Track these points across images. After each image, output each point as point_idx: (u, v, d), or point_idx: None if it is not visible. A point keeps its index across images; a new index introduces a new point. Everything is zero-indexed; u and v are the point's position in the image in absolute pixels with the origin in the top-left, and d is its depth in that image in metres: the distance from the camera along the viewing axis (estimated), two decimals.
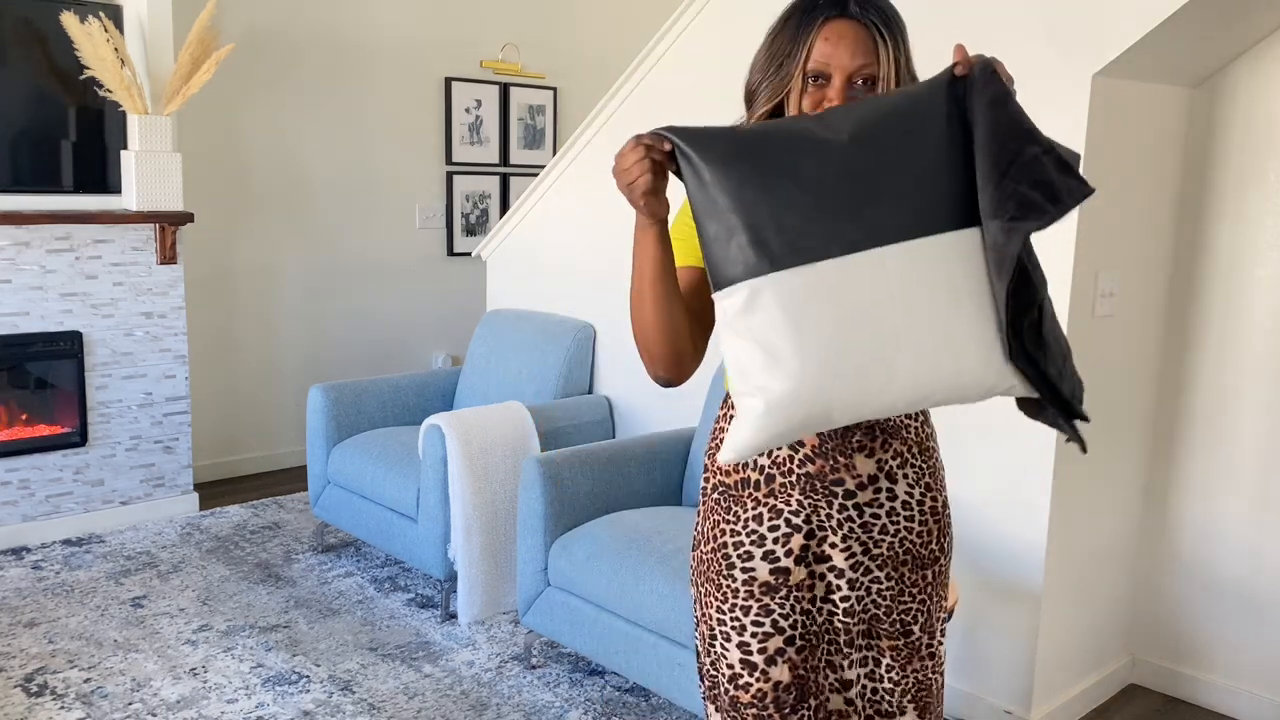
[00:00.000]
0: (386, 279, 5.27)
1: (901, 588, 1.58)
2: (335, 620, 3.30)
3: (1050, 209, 1.32)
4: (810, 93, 1.49)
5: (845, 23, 1.47)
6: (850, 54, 1.46)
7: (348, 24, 4.94)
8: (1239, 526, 2.83)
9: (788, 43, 1.51)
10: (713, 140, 1.35)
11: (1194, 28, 2.38)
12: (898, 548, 1.57)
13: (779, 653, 1.56)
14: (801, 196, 1.32)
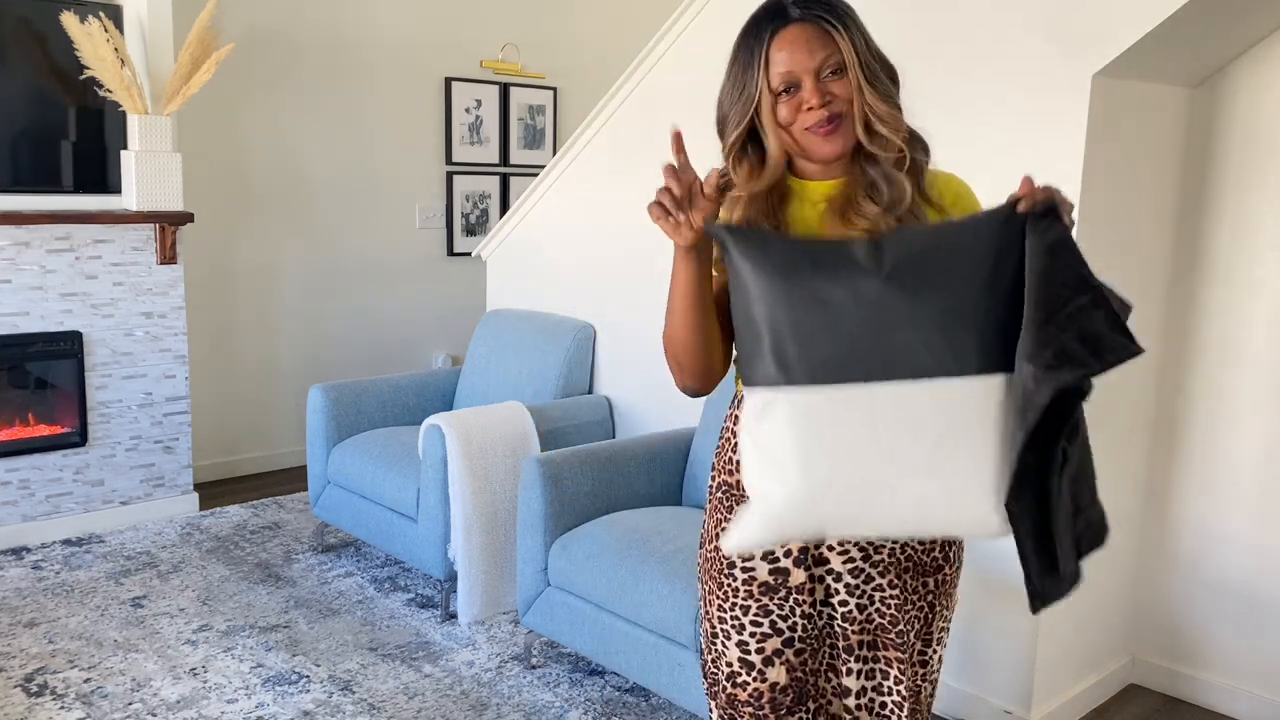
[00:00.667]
0: (386, 279, 5.27)
1: (905, 596, 1.56)
2: (335, 620, 3.30)
3: (1092, 363, 1.30)
4: (785, 103, 1.49)
5: (793, 27, 1.48)
6: (808, 53, 1.47)
7: (348, 24, 4.94)
8: (1239, 526, 2.83)
9: (745, 65, 1.52)
10: (760, 251, 1.39)
11: (1194, 28, 2.38)
12: (899, 554, 1.55)
13: (776, 654, 1.57)
14: (829, 323, 1.34)
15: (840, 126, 1.49)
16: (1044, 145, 2.49)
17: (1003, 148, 2.56)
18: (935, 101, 2.69)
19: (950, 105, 2.66)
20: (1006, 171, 2.58)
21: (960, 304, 1.33)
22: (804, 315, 1.35)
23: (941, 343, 1.33)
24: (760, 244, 1.40)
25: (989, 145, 2.59)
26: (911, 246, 1.35)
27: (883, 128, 1.48)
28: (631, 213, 3.59)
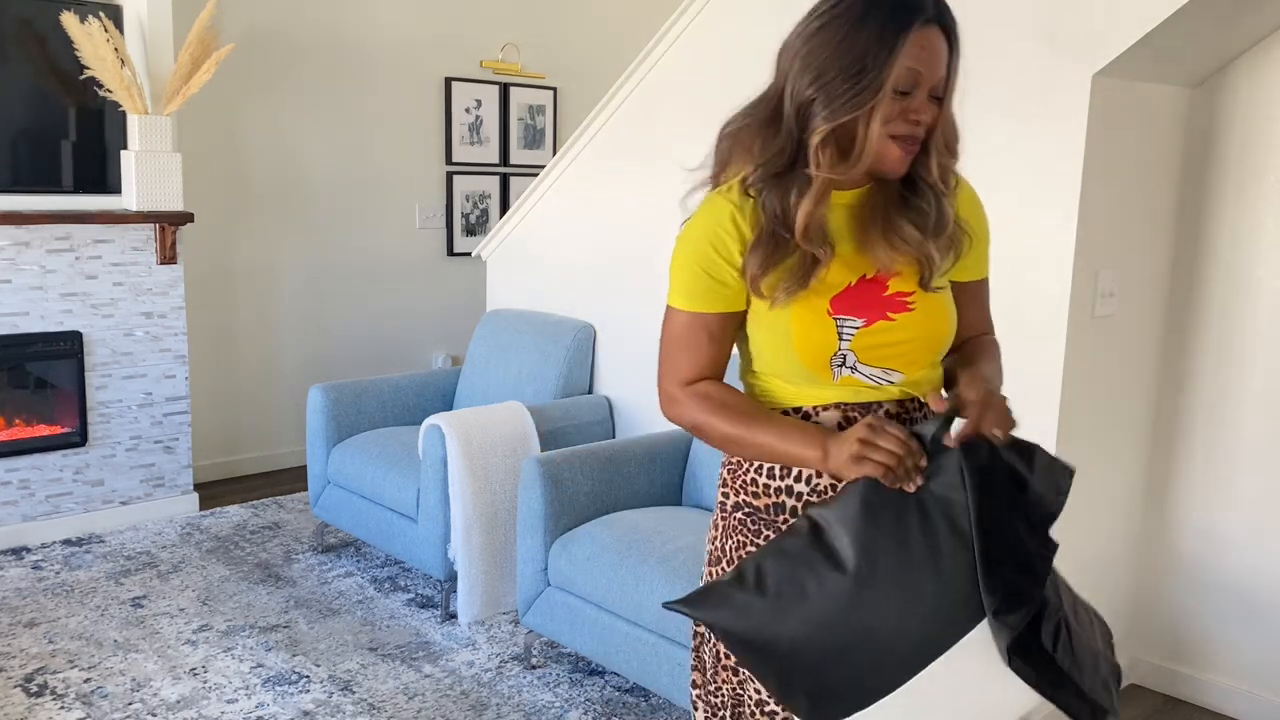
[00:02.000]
0: (386, 279, 5.27)
1: None
2: (335, 620, 3.30)
3: (1034, 591, 1.36)
4: (895, 102, 1.33)
5: (935, 30, 1.33)
6: (941, 64, 1.34)
7: (348, 24, 4.94)
8: (1239, 527, 2.83)
9: (874, 43, 1.31)
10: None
11: (1194, 28, 2.38)
12: None
13: None
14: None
15: (917, 147, 1.39)
16: (1044, 145, 2.50)
17: (1003, 148, 2.56)
18: None
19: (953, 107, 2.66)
20: (1007, 172, 2.58)
21: (940, 580, 1.35)
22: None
23: (938, 619, 1.34)
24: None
25: (989, 146, 2.59)
26: (869, 544, 1.32)
27: (950, 161, 1.42)
28: (631, 213, 3.59)
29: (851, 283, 1.42)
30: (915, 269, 1.43)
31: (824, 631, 1.32)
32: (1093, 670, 1.42)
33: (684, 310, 1.47)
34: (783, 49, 1.45)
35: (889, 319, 1.43)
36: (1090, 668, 1.43)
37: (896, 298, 1.43)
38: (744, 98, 1.59)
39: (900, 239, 1.39)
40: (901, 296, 1.43)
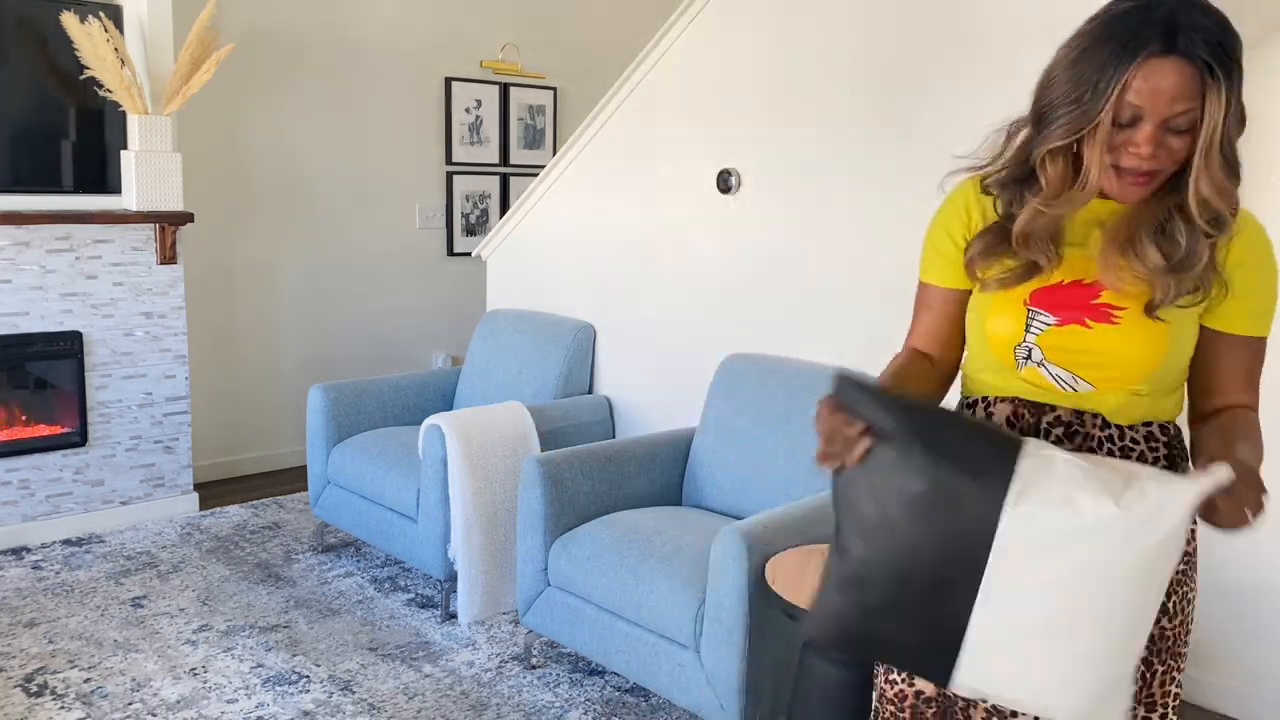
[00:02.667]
0: (386, 279, 5.27)
1: None
2: (335, 620, 3.30)
3: None
4: (1117, 132, 1.32)
5: (1171, 60, 1.28)
6: (1170, 99, 1.29)
7: (348, 24, 4.94)
8: None
9: (1096, 71, 1.31)
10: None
11: None
12: None
13: None
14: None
15: (1152, 182, 1.35)
16: None
17: None
18: (935, 103, 2.70)
19: (951, 107, 2.66)
20: None
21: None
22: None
23: None
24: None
25: None
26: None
27: (1217, 200, 1.35)
28: (631, 213, 3.59)
29: (1063, 281, 1.41)
30: (1146, 292, 1.37)
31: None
32: None
33: (920, 281, 1.58)
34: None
35: (1085, 325, 1.40)
36: None
37: (1104, 308, 1.39)
38: (742, 97, 1.59)
39: (1138, 260, 1.35)
40: (1110, 309, 1.39)
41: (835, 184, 2.96)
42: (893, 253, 2.83)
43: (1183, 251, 1.35)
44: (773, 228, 3.13)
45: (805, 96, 3.01)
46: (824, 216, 3.00)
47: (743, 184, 3.20)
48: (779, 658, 2.43)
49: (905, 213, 2.79)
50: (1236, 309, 1.43)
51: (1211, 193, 1.34)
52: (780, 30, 3.05)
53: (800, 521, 2.49)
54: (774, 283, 3.15)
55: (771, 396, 2.94)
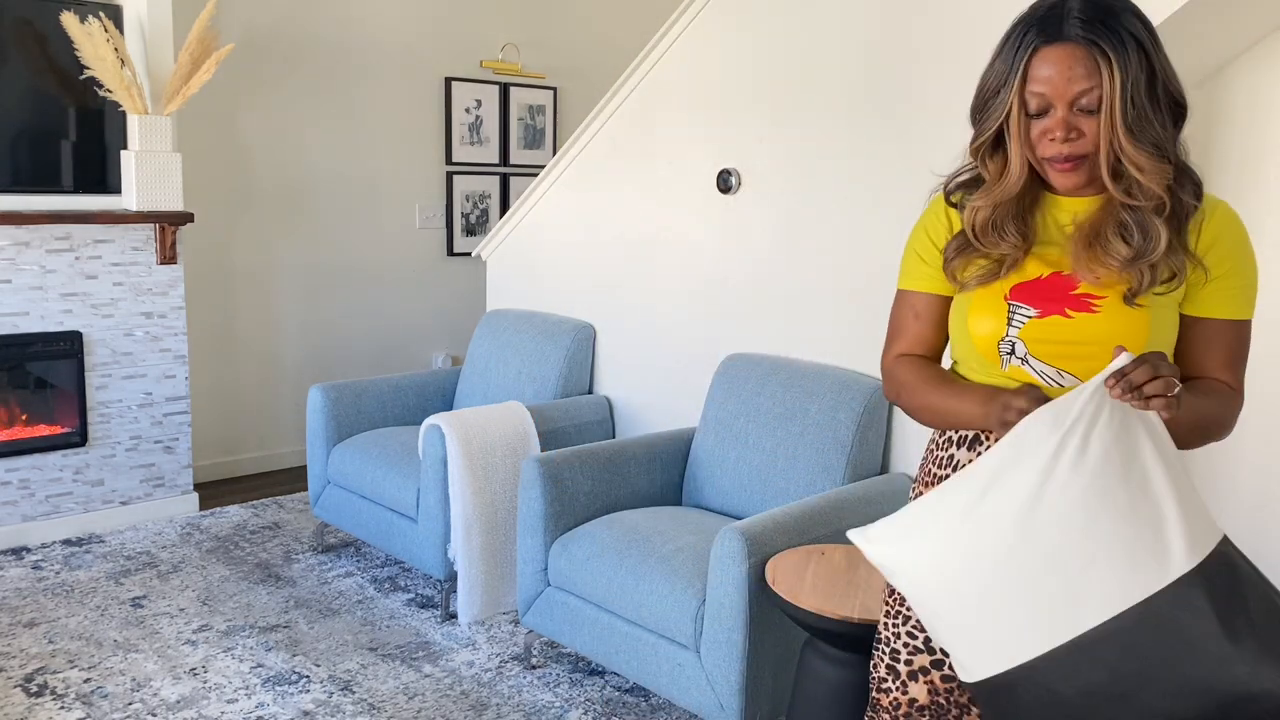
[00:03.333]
0: (386, 279, 5.27)
1: None
2: (335, 620, 3.30)
3: None
4: (1036, 124, 1.40)
5: (1061, 47, 1.35)
6: (1067, 81, 1.35)
7: (348, 24, 4.94)
8: (1239, 526, 2.83)
9: (1006, 66, 1.41)
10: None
11: (1193, 27, 2.38)
12: None
13: (922, 671, 1.55)
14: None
15: (1080, 166, 1.40)
16: None
17: None
18: (935, 104, 2.70)
19: (951, 108, 2.66)
20: None
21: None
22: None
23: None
24: None
25: None
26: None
27: (1140, 176, 1.37)
28: (631, 212, 3.59)
29: (1042, 275, 1.46)
30: (1123, 282, 1.42)
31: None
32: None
33: (900, 289, 1.63)
34: None
35: (1066, 315, 1.43)
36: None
37: (1084, 298, 1.43)
38: (742, 97, 1.60)
39: (1105, 252, 1.40)
40: (1090, 298, 1.43)
41: (835, 184, 2.96)
42: (892, 253, 2.83)
43: (1138, 239, 1.39)
44: (773, 228, 3.13)
45: (805, 96, 3.00)
46: (824, 216, 3.00)
47: (743, 184, 3.19)
48: (779, 658, 2.43)
49: (905, 213, 2.79)
50: (1214, 293, 1.47)
51: (1132, 168, 1.36)
52: (780, 30, 3.05)
53: (800, 521, 2.50)
54: (774, 283, 3.15)
55: (771, 396, 2.94)
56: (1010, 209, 1.45)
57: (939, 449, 1.60)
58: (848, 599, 2.16)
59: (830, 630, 2.12)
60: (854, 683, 2.19)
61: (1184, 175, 1.42)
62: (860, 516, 2.61)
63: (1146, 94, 1.37)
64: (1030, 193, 1.47)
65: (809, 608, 2.13)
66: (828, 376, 2.87)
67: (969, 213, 1.48)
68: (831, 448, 2.78)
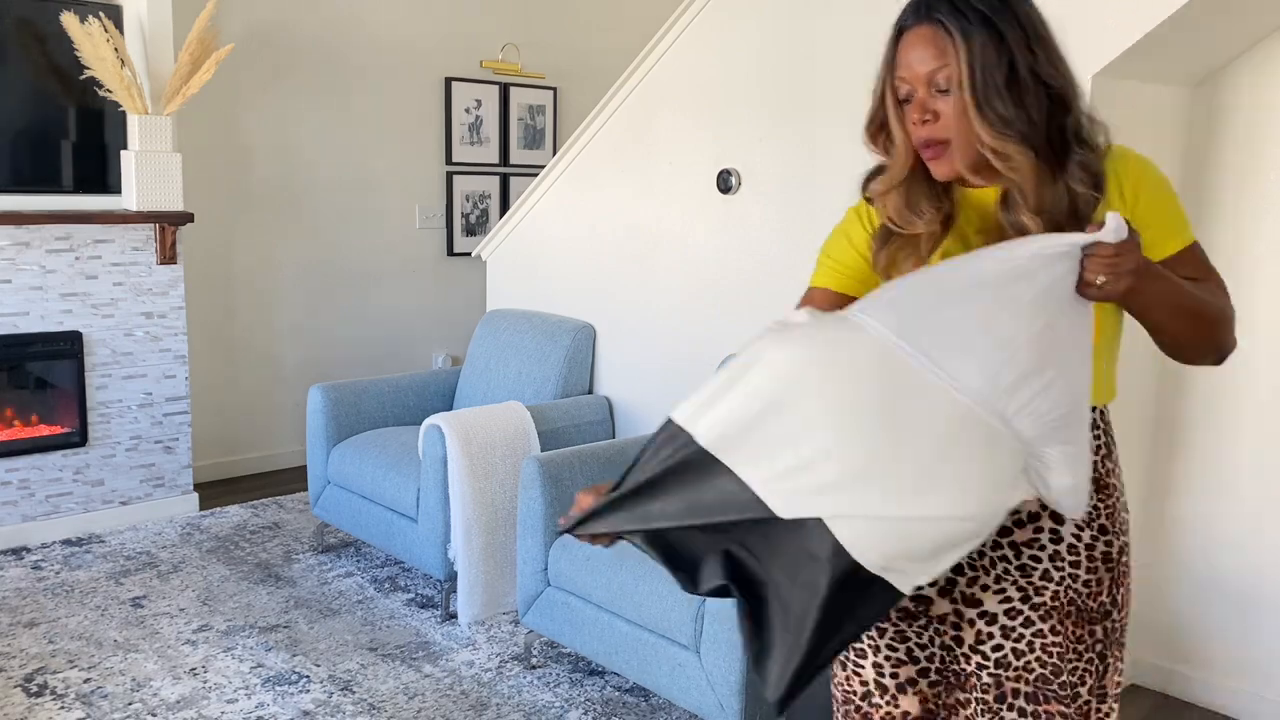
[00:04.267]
0: (387, 279, 5.27)
1: (1069, 645, 1.45)
2: (335, 620, 3.30)
3: None
4: (906, 112, 1.38)
5: (915, 30, 1.35)
6: (919, 62, 1.34)
7: (348, 24, 4.94)
8: (1239, 526, 2.83)
9: (882, 63, 1.42)
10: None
11: (1194, 28, 2.38)
12: (1062, 597, 1.44)
13: (910, 682, 1.53)
14: None
15: (943, 153, 1.37)
16: None
17: None
18: None
19: None
20: None
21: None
22: None
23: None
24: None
25: None
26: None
27: (997, 162, 1.33)
28: (631, 212, 3.59)
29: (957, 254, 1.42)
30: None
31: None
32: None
33: (812, 288, 1.58)
34: None
35: None
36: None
37: None
38: (742, 97, 1.60)
39: (1016, 233, 1.36)
40: None
41: (835, 184, 2.96)
42: None
43: (1016, 203, 1.35)
44: (773, 228, 3.13)
45: (805, 96, 3.00)
46: (824, 216, 3.00)
47: (743, 184, 3.19)
48: None
49: None
50: (1157, 237, 1.47)
51: (991, 150, 1.32)
52: (781, 30, 3.05)
53: None
54: (774, 283, 3.15)
55: None
56: (923, 190, 1.42)
57: None
58: None
59: None
60: None
61: (1073, 164, 1.35)
62: None
63: (1004, 74, 1.32)
64: (945, 184, 1.44)
65: None
66: None
67: (879, 203, 1.47)
68: None
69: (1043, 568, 1.43)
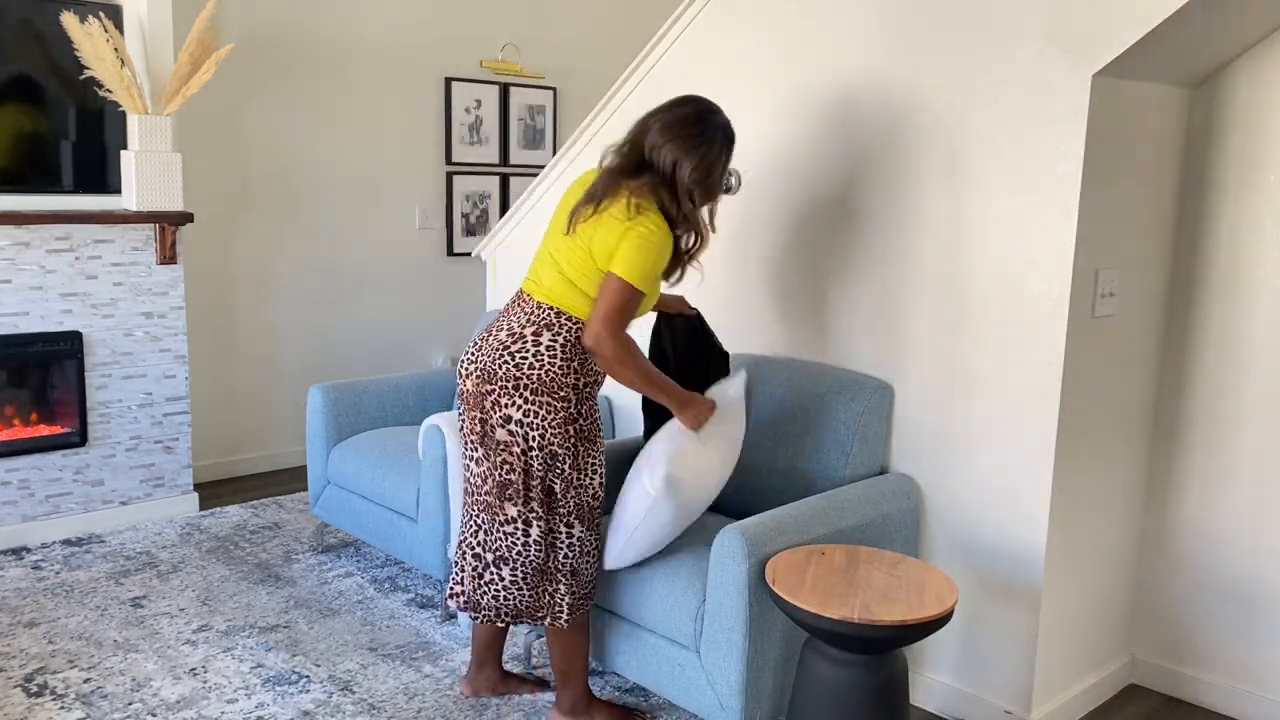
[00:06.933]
0: (387, 279, 5.27)
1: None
2: (335, 620, 3.30)
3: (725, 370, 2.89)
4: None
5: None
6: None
7: (348, 24, 4.94)
8: (1239, 526, 2.83)
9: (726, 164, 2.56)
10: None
11: (1194, 28, 2.38)
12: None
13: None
14: None
15: None
16: (1044, 145, 2.50)
17: (1003, 148, 2.56)
18: (935, 102, 2.70)
19: (950, 106, 2.66)
20: (1006, 172, 2.58)
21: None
22: None
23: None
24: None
25: (989, 147, 2.59)
26: None
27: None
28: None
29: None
30: None
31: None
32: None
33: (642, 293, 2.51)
34: None
35: None
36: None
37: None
38: (743, 97, 1.59)
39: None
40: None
41: (835, 184, 2.96)
42: (892, 252, 2.83)
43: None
44: (773, 228, 3.13)
45: (806, 97, 3.00)
46: (824, 216, 3.00)
47: (743, 184, 3.19)
48: (779, 658, 2.43)
49: (904, 212, 2.79)
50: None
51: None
52: (781, 29, 3.05)
53: (800, 521, 2.50)
54: (774, 283, 3.15)
55: (771, 396, 2.94)
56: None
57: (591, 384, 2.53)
58: (848, 599, 2.16)
59: (830, 630, 2.13)
60: (855, 683, 2.19)
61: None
62: (860, 516, 2.61)
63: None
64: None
65: (809, 608, 2.13)
66: (828, 376, 2.87)
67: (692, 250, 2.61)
68: (831, 448, 2.78)
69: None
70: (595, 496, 2.55)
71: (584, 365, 2.48)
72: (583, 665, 2.64)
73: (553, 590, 2.52)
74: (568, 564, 2.51)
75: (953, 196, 2.68)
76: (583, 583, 2.55)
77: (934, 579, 2.29)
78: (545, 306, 2.48)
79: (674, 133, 2.42)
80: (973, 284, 2.66)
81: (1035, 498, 2.59)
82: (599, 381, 2.54)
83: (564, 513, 2.49)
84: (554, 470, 2.46)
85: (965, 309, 2.68)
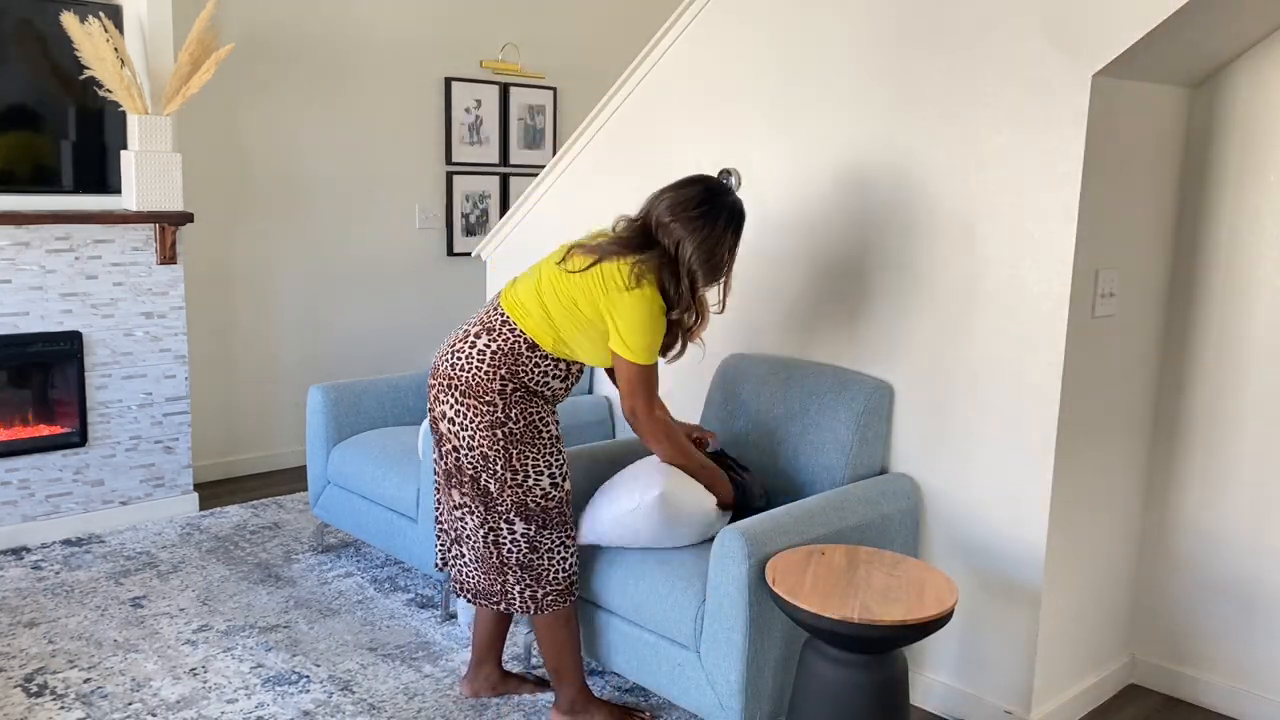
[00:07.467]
0: (386, 279, 5.27)
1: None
2: (335, 620, 3.30)
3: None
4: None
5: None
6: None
7: (348, 24, 4.94)
8: (1239, 526, 2.83)
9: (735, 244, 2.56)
10: None
11: (1194, 28, 2.38)
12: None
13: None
14: None
15: None
16: (1044, 145, 2.50)
17: (1003, 148, 2.56)
18: (935, 103, 2.70)
19: (950, 106, 2.66)
20: (1007, 172, 2.58)
21: None
22: None
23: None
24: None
25: (989, 147, 2.59)
26: None
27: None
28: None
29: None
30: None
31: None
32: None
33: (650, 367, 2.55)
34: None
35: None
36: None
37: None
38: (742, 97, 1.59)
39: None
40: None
41: (835, 184, 2.96)
42: (893, 253, 2.83)
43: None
44: (773, 227, 3.13)
45: (805, 96, 3.00)
46: (824, 216, 3.00)
47: (742, 184, 3.19)
48: (779, 658, 2.43)
49: (904, 212, 2.79)
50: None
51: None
52: (781, 29, 3.05)
53: (800, 521, 2.50)
54: (774, 283, 3.15)
55: (771, 396, 2.94)
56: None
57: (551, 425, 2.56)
58: (848, 599, 2.16)
59: (830, 630, 2.13)
60: (855, 683, 2.19)
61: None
62: (860, 516, 2.61)
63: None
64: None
65: (809, 608, 2.13)
66: (828, 376, 2.87)
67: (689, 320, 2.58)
68: (831, 448, 2.78)
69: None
70: (546, 496, 2.52)
71: (515, 371, 2.47)
72: (575, 663, 2.64)
73: (503, 580, 2.55)
74: (513, 558, 2.52)
75: (952, 196, 2.68)
76: (541, 579, 2.54)
77: (934, 579, 2.29)
78: (499, 311, 2.53)
79: (679, 212, 2.45)
80: (973, 284, 2.66)
81: (1035, 498, 2.59)
82: (549, 386, 2.53)
83: (502, 510, 2.50)
84: (486, 470, 2.48)
85: (965, 309, 2.68)
